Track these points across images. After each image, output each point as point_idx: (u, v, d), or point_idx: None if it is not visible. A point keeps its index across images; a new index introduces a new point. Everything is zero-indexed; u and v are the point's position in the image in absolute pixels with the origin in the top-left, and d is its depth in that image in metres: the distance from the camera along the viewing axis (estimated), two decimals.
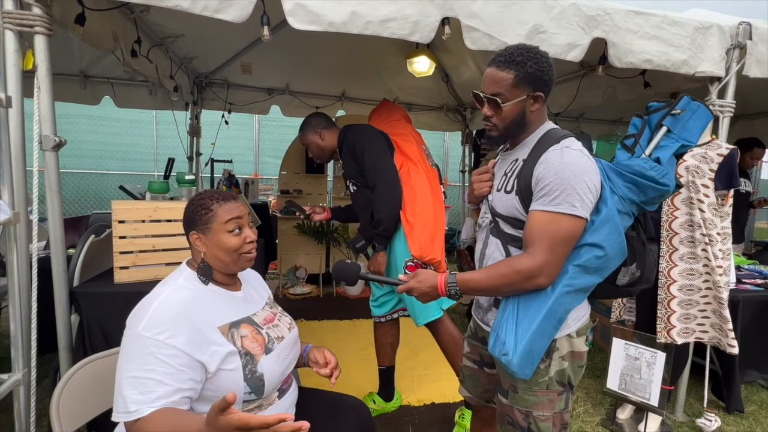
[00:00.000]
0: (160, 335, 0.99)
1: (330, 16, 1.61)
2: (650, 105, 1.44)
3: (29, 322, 1.52)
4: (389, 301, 2.24)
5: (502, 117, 1.16)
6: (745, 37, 2.04)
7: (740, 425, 2.31)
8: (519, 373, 1.11)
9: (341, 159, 2.15)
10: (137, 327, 1.00)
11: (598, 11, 1.88)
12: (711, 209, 1.99)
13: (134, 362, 0.98)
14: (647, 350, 2.11)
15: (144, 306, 1.05)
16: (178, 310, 1.05)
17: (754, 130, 4.27)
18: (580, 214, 1.06)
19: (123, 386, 0.97)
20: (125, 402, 0.96)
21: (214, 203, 1.16)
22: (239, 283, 1.26)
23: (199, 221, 1.15)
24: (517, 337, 1.10)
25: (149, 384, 0.97)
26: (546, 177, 1.07)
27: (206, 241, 1.16)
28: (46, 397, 1.20)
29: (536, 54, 1.13)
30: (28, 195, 1.53)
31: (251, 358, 1.10)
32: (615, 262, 1.14)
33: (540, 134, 1.18)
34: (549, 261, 1.07)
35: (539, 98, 1.15)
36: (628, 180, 1.14)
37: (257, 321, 1.20)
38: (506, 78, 1.12)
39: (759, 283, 2.49)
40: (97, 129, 7.00)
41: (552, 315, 1.10)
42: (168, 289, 1.09)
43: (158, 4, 1.52)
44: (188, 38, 2.88)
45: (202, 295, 1.13)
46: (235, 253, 1.16)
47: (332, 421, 1.33)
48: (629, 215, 1.17)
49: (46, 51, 1.49)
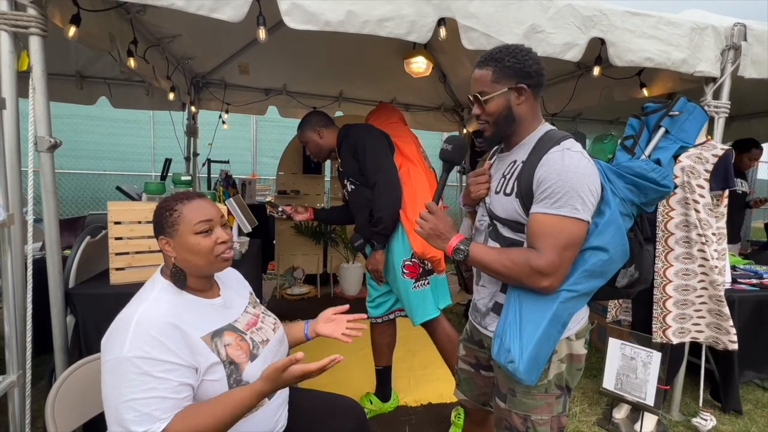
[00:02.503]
0: (151, 352, 0.95)
1: (326, 15, 1.61)
2: (646, 106, 1.44)
3: (24, 324, 1.51)
4: (386, 302, 2.24)
5: (488, 113, 1.17)
6: (740, 38, 2.05)
7: (735, 424, 2.31)
8: (525, 380, 1.09)
9: (340, 158, 2.15)
10: (121, 350, 0.94)
11: (594, 12, 1.89)
12: (706, 209, 2.00)
13: (129, 386, 0.93)
14: (643, 350, 2.11)
15: (121, 326, 0.99)
16: (161, 322, 0.99)
17: (750, 131, 4.29)
18: (582, 217, 1.05)
19: (122, 411, 0.92)
20: (126, 425, 0.92)
21: (178, 203, 1.09)
22: (216, 288, 1.21)
23: (165, 225, 1.08)
24: (523, 344, 1.08)
25: (152, 402, 0.94)
26: (548, 179, 1.06)
27: (175, 245, 1.08)
28: (41, 398, 1.19)
29: (515, 49, 1.14)
30: (23, 196, 1.52)
31: (236, 367, 1.07)
32: (618, 265, 1.13)
33: (538, 135, 1.17)
34: (557, 263, 1.05)
35: (523, 90, 1.13)
36: (629, 182, 1.14)
37: (240, 327, 1.15)
38: (485, 75, 1.14)
39: (754, 282, 2.51)
40: (94, 129, 6.98)
41: (557, 320, 1.09)
42: (144, 305, 1.03)
43: (154, 4, 1.52)
44: (185, 38, 2.88)
45: (181, 305, 1.08)
46: (209, 255, 1.09)
47: (327, 422, 1.33)
48: (630, 217, 1.17)
49: (41, 52, 1.48)
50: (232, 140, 6.83)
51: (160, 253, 1.12)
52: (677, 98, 1.45)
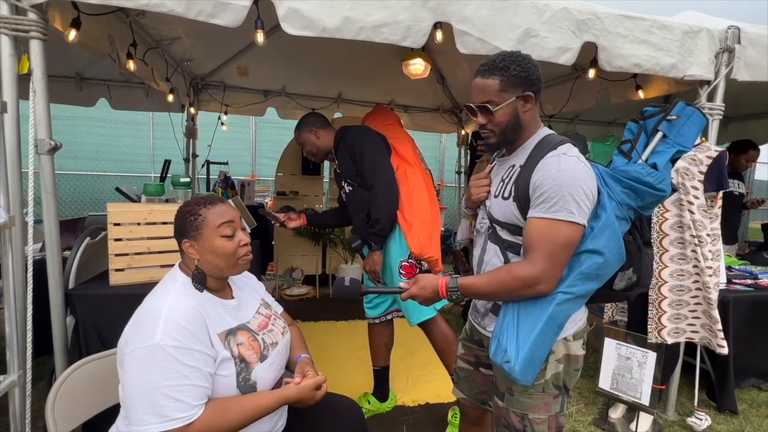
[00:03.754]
0: (183, 341, 0.99)
1: (323, 21, 1.63)
2: (645, 110, 1.45)
3: (24, 324, 1.53)
4: (383, 303, 2.25)
5: (496, 122, 1.18)
6: (734, 40, 2.06)
7: (730, 424, 2.33)
8: (521, 380, 1.12)
9: (337, 159, 2.17)
10: (153, 338, 0.97)
11: (588, 15, 1.90)
12: (700, 211, 2.01)
13: (162, 374, 0.97)
14: (639, 350, 2.13)
15: (149, 317, 1.03)
16: (190, 313, 1.04)
17: (747, 132, 4.31)
18: (577, 221, 1.06)
19: (157, 398, 0.96)
20: (163, 412, 0.96)
21: (202, 208, 1.14)
22: (229, 290, 1.25)
23: (189, 228, 1.13)
24: (519, 345, 1.10)
25: (186, 390, 0.98)
26: (543, 184, 1.08)
27: (199, 248, 1.13)
28: (41, 398, 1.20)
29: (518, 57, 1.15)
30: (24, 197, 1.54)
31: (246, 365, 1.11)
32: (613, 268, 1.15)
33: (536, 140, 1.19)
34: (549, 268, 1.07)
35: (529, 98, 1.16)
36: (626, 186, 1.15)
37: (252, 328, 1.20)
38: (493, 84, 1.15)
39: (749, 283, 2.52)
40: (94, 130, 6.99)
41: (553, 321, 1.11)
42: (170, 297, 1.08)
43: (153, 9, 1.53)
44: (184, 41, 2.90)
45: (202, 301, 1.13)
46: (231, 258, 1.15)
47: (325, 422, 1.34)
48: (627, 220, 1.18)
49: (42, 55, 1.50)
50: (231, 141, 6.85)
51: (159, 254, 1.14)
52: (675, 102, 1.46)
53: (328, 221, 2.58)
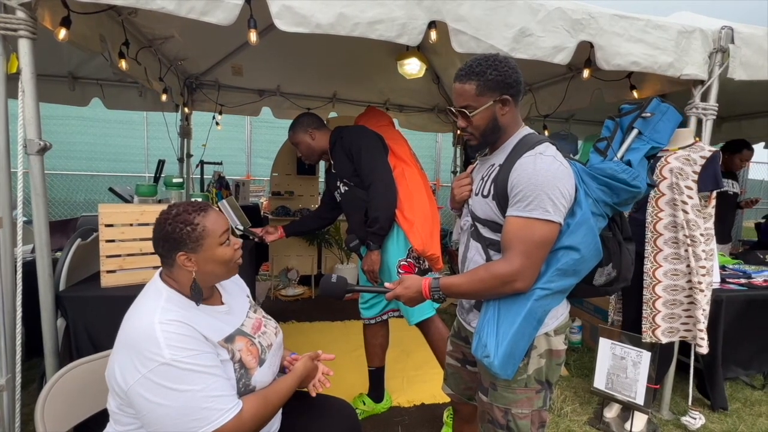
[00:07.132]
0: (192, 348, 0.99)
1: (317, 17, 1.62)
2: (622, 107, 1.47)
3: (14, 327, 1.51)
4: (378, 303, 2.25)
5: (474, 126, 1.20)
6: (727, 41, 2.07)
7: (724, 423, 2.34)
8: (501, 374, 1.14)
9: (333, 159, 2.16)
10: (160, 356, 0.94)
11: (583, 15, 1.90)
12: (694, 210, 2.02)
13: (189, 384, 0.96)
14: (633, 350, 2.14)
15: (145, 338, 0.97)
16: (182, 323, 1.01)
17: (741, 132, 4.33)
18: (553, 219, 1.08)
19: (201, 402, 0.96)
20: (214, 406, 0.97)
21: (197, 217, 1.07)
22: (218, 294, 1.22)
23: (187, 240, 1.05)
24: (498, 339, 1.13)
25: (219, 385, 1.00)
26: (519, 183, 1.10)
27: (198, 259, 1.07)
28: (32, 401, 1.19)
29: (495, 61, 1.16)
30: (13, 198, 1.52)
31: (246, 371, 1.10)
32: (590, 264, 1.17)
33: (516, 140, 1.21)
34: (525, 266, 1.09)
35: (507, 101, 1.17)
36: (601, 183, 1.18)
37: (248, 331, 1.18)
38: (470, 89, 1.17)
39: (742, 282, 2.53)
40: (87, 130, 6.93)
41: (531, 316, 1.13)
42: (158, 312, 1.01)
43: (144, 6, 1.51)
44: (177, 40, 2.87)
45: (193, 312, 1.08)
46: (230, 263, 1.14)
47: (319, 423, 1.34)
48: (603, 217, 1.20)
49: (31, 55, 1.48)
50: (226, 141, 6.82)
51: (151, 255, 1.13)
52: (650, 99, 1.47)
53: (308, 227, 2.59)
